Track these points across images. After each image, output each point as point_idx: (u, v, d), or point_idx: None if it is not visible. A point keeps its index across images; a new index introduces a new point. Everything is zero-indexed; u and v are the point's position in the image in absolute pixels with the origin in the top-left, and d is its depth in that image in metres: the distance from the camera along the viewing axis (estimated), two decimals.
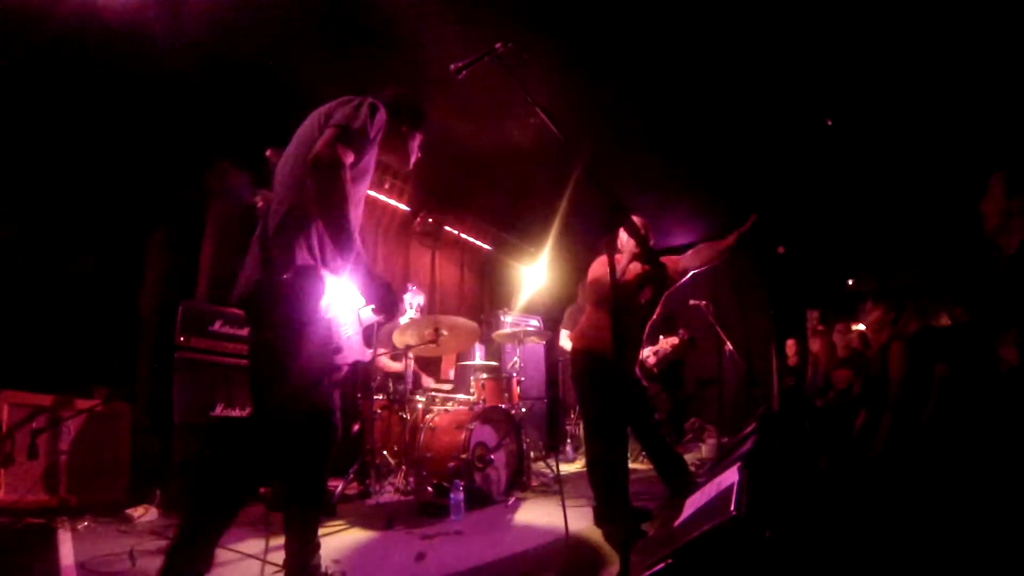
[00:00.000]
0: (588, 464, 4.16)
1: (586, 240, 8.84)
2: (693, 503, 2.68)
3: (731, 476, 2.28)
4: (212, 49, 4.90)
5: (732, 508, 1.74)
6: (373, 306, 2.49)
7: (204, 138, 5.46)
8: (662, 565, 1.40)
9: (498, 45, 2.54)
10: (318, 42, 4.99)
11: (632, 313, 4.11)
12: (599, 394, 4.03)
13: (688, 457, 7.45)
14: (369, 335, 4.18)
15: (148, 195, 5.27)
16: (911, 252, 9.86)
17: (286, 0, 4.55)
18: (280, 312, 2.38)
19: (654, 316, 4.22)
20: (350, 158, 2.38)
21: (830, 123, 6.33)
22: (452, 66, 2.58)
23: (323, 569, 2.65)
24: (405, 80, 4.93)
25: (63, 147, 4.75)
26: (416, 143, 2.99)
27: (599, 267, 4.22)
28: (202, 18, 4.57)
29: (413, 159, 3.00)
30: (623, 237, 4.06)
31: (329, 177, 2.29)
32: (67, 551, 3.20)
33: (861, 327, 7.24)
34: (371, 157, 2.61)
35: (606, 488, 3.92)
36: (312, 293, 2.39)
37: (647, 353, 7.50)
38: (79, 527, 3.71)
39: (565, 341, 6.48)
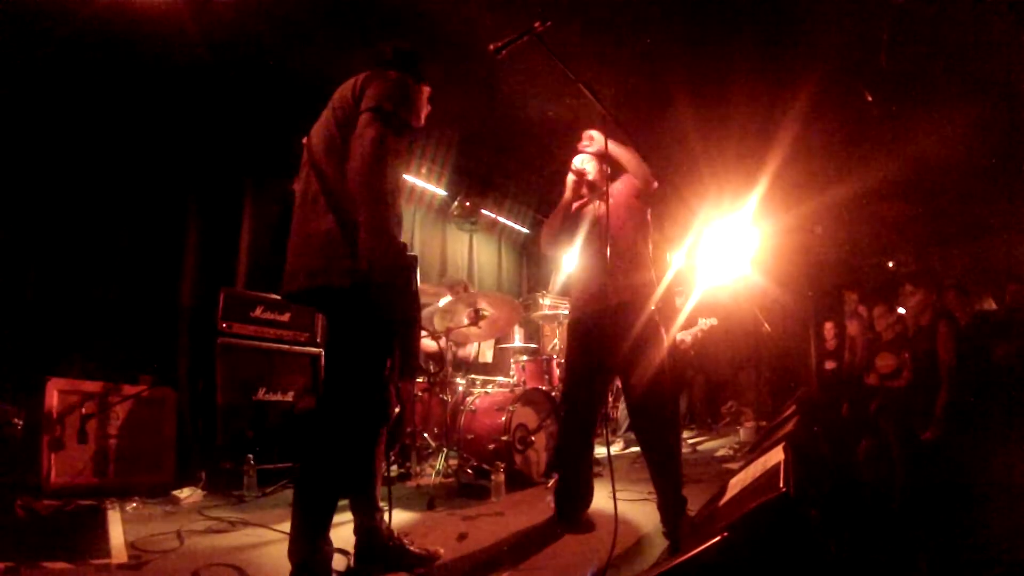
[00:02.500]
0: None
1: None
2: (736, 484, 2.66)
3: (777, 455, 2.26)
4: (245, 38, 4.96)
5: (781, 485, 1.72)
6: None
7: (240, 126, 5.51)
8: (719, 538, 1.40)
9: (537, 24, 2.50)
10: (347, 30, 4.99)
11: None
12: None
13: (726, 440, 7.41)
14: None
15: (185, 184, 5.34)
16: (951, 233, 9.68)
17: None
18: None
19: None
20: (399, 144, 2.32)
21: (870, 98, 6.22)
22: (491, 46, 2.54)
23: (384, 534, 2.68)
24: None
25: (101, 137, 4.82)
26: (425, 97, 2.75)
27: None
28: (239, 7, 4.62)
29: (424, 114, 2.77)
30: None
31: (374, 174, 2.23)
32: (117, 532, 3.25)
33: (902, 310, 7.09)
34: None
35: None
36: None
37: (683, 336, 7.41)
38: (128, 509, 3.77)
39: None
